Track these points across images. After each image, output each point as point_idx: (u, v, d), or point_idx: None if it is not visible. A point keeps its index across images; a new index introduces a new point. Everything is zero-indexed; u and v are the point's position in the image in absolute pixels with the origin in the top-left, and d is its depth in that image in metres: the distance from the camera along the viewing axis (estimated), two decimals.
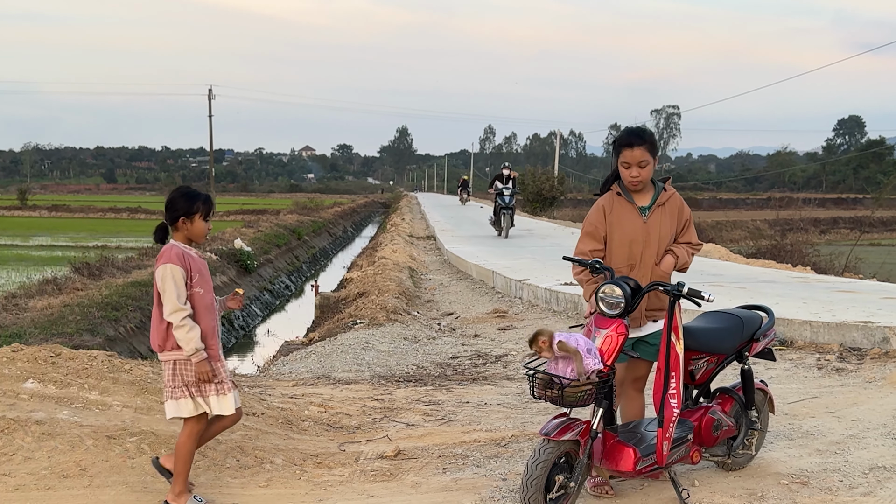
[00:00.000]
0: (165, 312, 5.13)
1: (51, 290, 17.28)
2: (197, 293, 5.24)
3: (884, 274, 20.01)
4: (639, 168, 5.59)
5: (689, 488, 5.63)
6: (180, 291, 5.14)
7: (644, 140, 5.58)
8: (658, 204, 5.74)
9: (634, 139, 5.57)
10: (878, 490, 5.62)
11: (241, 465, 6.36)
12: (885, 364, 9.13)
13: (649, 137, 5.63)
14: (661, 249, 5.72)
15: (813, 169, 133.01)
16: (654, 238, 5.69)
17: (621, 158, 5.64)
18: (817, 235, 44.11)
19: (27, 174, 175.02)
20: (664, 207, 5.76)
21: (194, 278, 5.23)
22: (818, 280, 16.07)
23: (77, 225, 52.51)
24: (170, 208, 5.30)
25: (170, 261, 5.17)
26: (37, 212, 66.55)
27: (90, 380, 7.50)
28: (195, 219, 5.30)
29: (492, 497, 5.70)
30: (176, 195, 5.34)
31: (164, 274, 5.16)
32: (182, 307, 5.13)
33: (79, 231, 46.04)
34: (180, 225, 5.30)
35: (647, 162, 5.59)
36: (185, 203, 5.28)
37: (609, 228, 5.74)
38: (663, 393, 5.24)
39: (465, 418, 7.81)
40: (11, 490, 5.80)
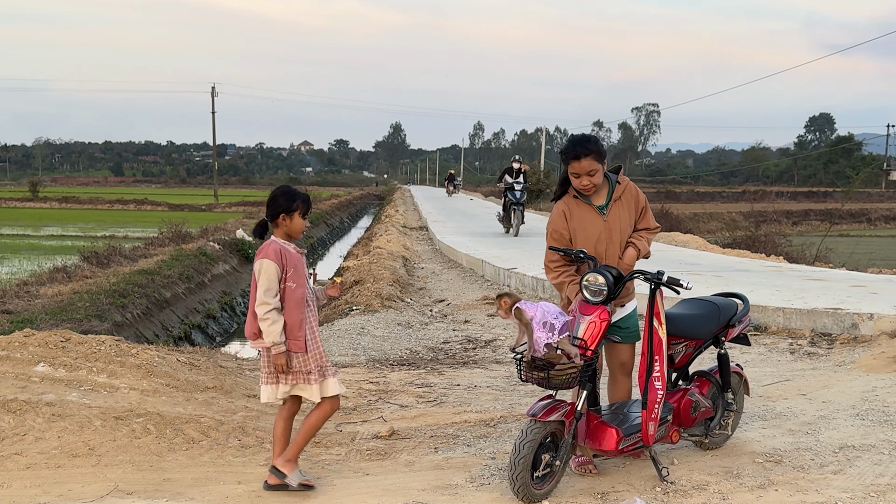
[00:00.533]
0: (254, 303, 5.20)
1: (61, 277, 17.21)
2: (289, 287, 5.22)
3: (852, 263, 20.02)
4: (588, 177, 5.50)
5: (669, 466, 5.64)
6: (270, 286, 5.16)
7: (590, 150, 5.45)
8: (614, 199, 5.66)
9: (581, 150, 5.46)
10: (847, 468, 5.63)
11: (243, 445, 6.34)
12: (854, 349, 9.14)
13: (594, 146, 5.49)
14: (623, 242, 5.66)
15: (785, 164, 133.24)
16: (616, 234, 5.62)
17: (570, 169, 5.54)
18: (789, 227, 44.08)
19: (38, 167, 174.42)
20: (620, 201, 5.68)
21: (288, 273, 5.22)
22: (790, 269, 16.09)
23: (86, 216, 52.30)
24: (271, 205, 5.31)
25: (266, 256, 5.20)
26: (48, 203, 66.25)
27: (98, 363, 7.48)
28: (294, 216, 5.30)
29: (481, 475, 5.69)
30: (277, 193, 5.35)
31: (260, 268, 5.21)
32: (268, 301, 5.15)
33: (87, 221, 45.85)
34: (280, 221, 5.30)
35: (596, 170, 5.49)
36: (285, 201, 5.28)
37: (572, 232, 5.67)
38: (647, 376, 5.25)
39: (456, 400, 7.81)
40: (23, 468, 5.78)
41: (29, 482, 5.58)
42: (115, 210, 61.35)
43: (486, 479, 5.60)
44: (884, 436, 6.25)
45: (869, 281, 13.55)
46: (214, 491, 5.50)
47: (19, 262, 24.66)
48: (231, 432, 6.51)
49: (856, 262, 20.67)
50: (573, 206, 5.69)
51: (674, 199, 69.31)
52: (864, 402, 7.16)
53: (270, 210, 5.32)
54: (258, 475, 5.82)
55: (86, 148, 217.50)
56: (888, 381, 7.83)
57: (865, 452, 5.91)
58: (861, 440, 6.17)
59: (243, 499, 5.34)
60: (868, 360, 8.60)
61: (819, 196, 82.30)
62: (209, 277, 21.22)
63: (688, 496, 5.21)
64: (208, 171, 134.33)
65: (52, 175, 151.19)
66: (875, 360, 8.55)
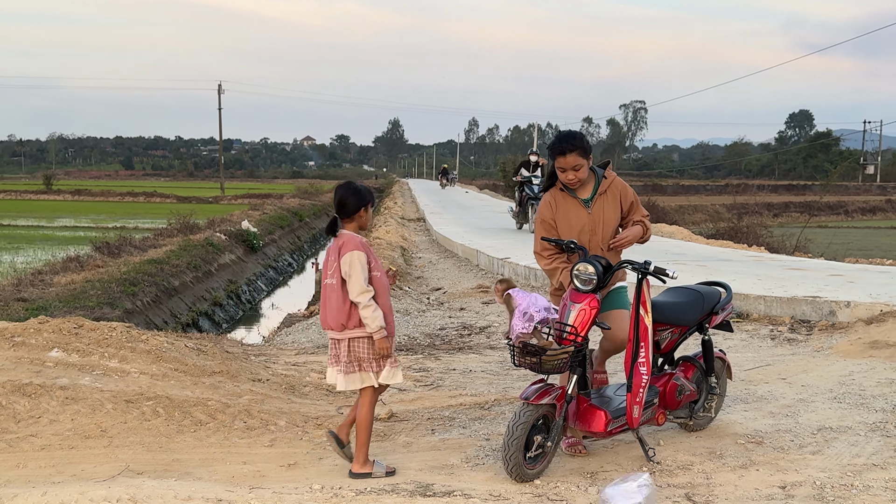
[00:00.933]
0: (353, 294, 5.15)
1: (74, 267, 17.17)
2: (375, 276, 5.27)
3: (830, 253, 20.05)
4: (573, 171, 5.53)
5: (655, 447, 5.64)
6: (365, 275, 5.18)
7: (575, 146, 5.48)
8: (599, 193, 5.66)
9: (566, 146, 5.49)
10: (825, 449, 5.64)
11: (248, 427, 6.34)
12: (832, 335, 9.15)
13: (579, 143, 5.51)
14: (606, 235, 5.64)
15: (767, 158, 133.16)
16: (599, 226, 5.63)
17: (556, 164, 5.57)
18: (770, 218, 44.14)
19: (52, 161, 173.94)
20: (606, 195, 5.67)
21: (372, 263, 5.27)
22: (771, 259, 16.10)
23: (98, 208, 52.19)
24: (343, 204, 5.32)
25: (356, 248, 5.20)
26: (61, 196, 66.05)
27: (110, 349, 7.47)
28: (370, 209, 5.41)
29: (476, 455, 5.70)
30: (347, 193, 5.36)
31: (352, 260, 5.17)
32: (367, 289, 5.16)
33: (99, 213, 45.75)
34: (357, 216, 5.35)
35: (581, 165, 5.50)
36: (356, 199, 5.33)
37: (557, 222, 5.70)
38: (633, 361, 5.26)
39: (452, 384, 7.81)
40: (38, 449, 5.78)
41: (43, 462, 5.58)
42: (126, 202, 61.21)
43: (480, 460, 5.61)
44: (860, 418, 6.26)
45: (846, 270, 13.56)
46: (221, 471, 5.50)
47: (34, 252, 24.61)
48: (237, 415, 6.50)
49: (834, 252, 20.71)
50: (559, 199, 5.71)
51: (660, 192, 69.36)
52: (841, 386, 7.17)
53: (342, 208, 5.33)
54: (262, 456, 5.83)
55: (97, 143, 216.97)
56: (864, 365, 7.84)
57: (842, 434, 5.92)
58: (838, 422, 6.18)
59: (248, 478, 5.35)
60: (845, 345, 8.61)
61: (799, 189, 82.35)
62: (216, 267, 21.20)
63: (673, 475, 5.22)
64: (215, 164, 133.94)
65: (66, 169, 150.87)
66: (852, 345, 8.56)
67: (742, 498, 4.82)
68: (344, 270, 5.19)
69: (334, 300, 5.25)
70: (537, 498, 4.84)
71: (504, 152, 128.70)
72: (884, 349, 8.27)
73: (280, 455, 5.86)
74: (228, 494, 4.75)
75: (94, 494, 4.66)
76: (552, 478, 5.20)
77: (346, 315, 5.21)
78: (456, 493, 4.93)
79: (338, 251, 5.25)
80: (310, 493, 4.86)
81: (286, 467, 5.61)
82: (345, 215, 5.35)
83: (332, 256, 5.30)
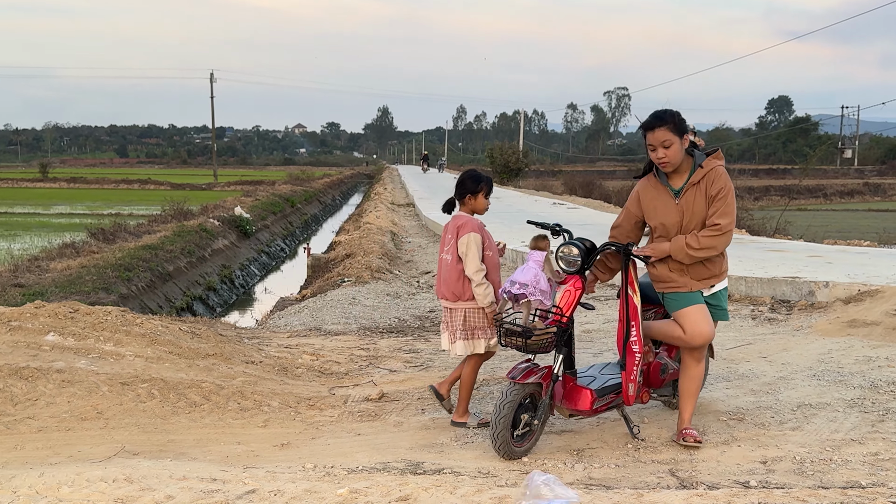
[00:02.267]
0: (469, 271, 5.60)
1: (69, 253, 17.11)
2: (488, 255, 5.70)
3: (810, 235, 20.13)
4: (664, 149, 5.01)
5: (640, 425, 5.66)
6: (480, 255, 5.62)
7: (664, 121, 4.95)
8: (692, 183, 5.13)
9: (655, 121, 5.02)
10: (804, 425, 5.66)
11: (242, 408, 6.33)
12: (811, 314, 9.18)
13: (670, 118, 4.96)
14: (699, 227, 5.16)
15: (747, 143, 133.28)
16: (688, 218, 5.16)
17: (647, 142, 5.08)
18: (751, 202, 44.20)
19: (48, 150, 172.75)
20: (698, 186, 5.12)
21: (486, 242, 5.72)
22: (752, 241, 16.13)
23: (93, 195, 51.93)
24: (460, 187, 5.81)
25: (472, 230, 5.66)
26: (57, 183, 65.69)
27: (105, 332, 7.44)
28: (479, 196, 5.79)
29: (465, 434, 5.70)
30: (465, 177, 5.85)
31: (469, 241, 5.62)
32: (481, 267, 5.60)
33: (94, 200, 45.53)
34: (467, 200, 5.81)
35: (671, 142, 4.95)
36: (472, 183, 5.77)
37: (645, 213, 5.34)
38: (625, 340, 5.24)
39: (442, 365, 7.81)
40: (35, 431, 5.76)
41: (41, 444, 5.56)
42: (121, 189, 60.92)
43: (469, 438, 5.61)
44: (838, 394, 6.28)
45: (825, 251, 13.60)
46: (215, 451, 5.49)
47: (30, 238, 24.49)
48: (231, 396, 6.49)
49: (813, 234, 20.79)
50: (649, 187, 5.34)
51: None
52: (820, 364, 7.20)
53: (459, 191, 5.81)
54: (256, 436, 5.82)
55: (92, 131, 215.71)
56: (842, 344, 7.87)
57: (821, 410, 5.94)
58: (817, 399, 6.20)
59: (242, 458, 5.34)
60: (824, 324, 8.64)
61: (778, 173, 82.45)
62: (209, 252, 21.13)
63: (658, 452, 5.23)
64: (208, 152, 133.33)
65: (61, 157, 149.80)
66: (830, 324, 8.59)
67: (724, 473, 4.83)
68: (461, 251, 5.65)
69: (450, 273, 5.73)
70: (525, 475, 4.83)
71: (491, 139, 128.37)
72: (861, 328, 8.30)
73: (273, 435, 5.85)
74: (223, 474, 4.74)
75: (91, 475, 4.65)
76: (539, 455, 5.20)
77: (460, 288, 5.67)
78: (446, 470, 4.93)
79: (456, 231, 5.73)
80: (303, 472, 4.85)
81: (279, 447, 5.60)
82: (457, 198, 5.85)
83: (450, 234, 5.77)
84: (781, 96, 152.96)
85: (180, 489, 4.47)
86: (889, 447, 5.15)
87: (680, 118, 5.06)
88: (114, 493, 4.42)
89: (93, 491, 4.44)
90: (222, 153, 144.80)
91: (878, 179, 75.48)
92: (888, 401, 6.08)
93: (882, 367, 7.01)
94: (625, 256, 5.29)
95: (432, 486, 4.51)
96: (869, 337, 8.03)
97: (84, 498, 4.37)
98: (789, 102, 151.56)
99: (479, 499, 4.35)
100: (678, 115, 5.08)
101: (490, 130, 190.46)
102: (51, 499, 4.36)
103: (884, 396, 6.19)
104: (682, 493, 4.38)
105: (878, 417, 5.73)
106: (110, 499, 4.35)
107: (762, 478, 4.73)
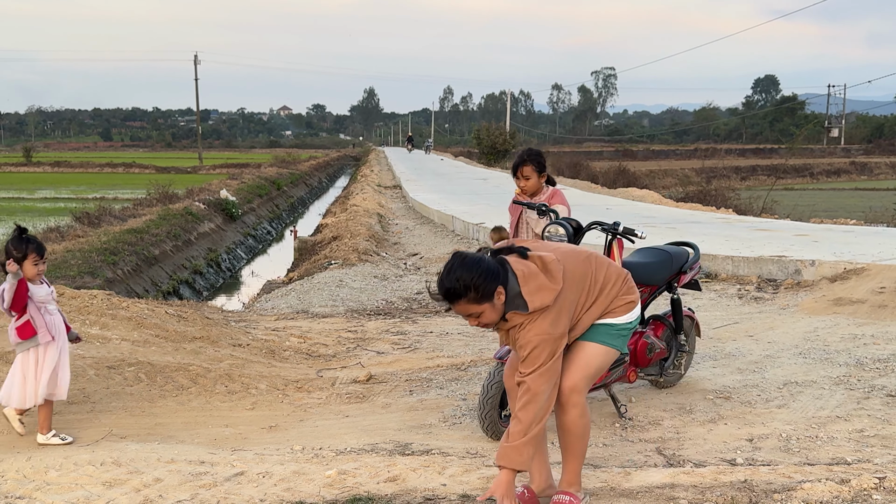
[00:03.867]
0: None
1: (54, 237, 17.02)
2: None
3: (796, 214, 20.21)
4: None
5: (627, 404, 5.69)
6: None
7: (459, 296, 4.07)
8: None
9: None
10: (790, 402, 5.70)
11: (230, 391, 6.33)
12: (797, 293, 9.24)
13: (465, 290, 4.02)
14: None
15: (734, 122, 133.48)
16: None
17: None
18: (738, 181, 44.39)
19: (31, 134, 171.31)
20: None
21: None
22: (739, 220, 16.19)
23: (77, 179, 51.63)
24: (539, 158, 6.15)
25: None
26: (41, 168, 65.20)
27: (91, 316, 7.42)
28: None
29: (453, 415, 5.72)
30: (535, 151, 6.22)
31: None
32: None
33: (79, 184, 45.27)
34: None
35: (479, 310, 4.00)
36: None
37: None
38: None
39: (429, 346, 7.82)
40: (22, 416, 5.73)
41: (28, 429, 5.54)
42: (105, 173, 60.57)
43: (457, 419, 5.63)
44: (824, 372, 6.33)
45: (811, 230, 13.67)
46: (203, 434, 5.50)
47: (15, 223, 24.36)
48: (218, 379, 6.49)
49: (799, 213, 20.87)
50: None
51: (631, 157, 69.55)
52: (806, 342, 7.25)
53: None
54: (244, 418, 5.82)
55: (76, 115, 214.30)
56: (828, 322, 7.93)
57: (807, 388, 5.99)
58: (803, 377, 6.25)
59: (230, 440, 5.34)
60: (810, 303, 8.70)
61: (765, 153, 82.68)
62: (195, 235, 21.05)
63: (645, 431, 5.26)
64: (193, 135, 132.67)
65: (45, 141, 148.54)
66: (816, 303, 8.65)
67: (711, 451, 4.87)
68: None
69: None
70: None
71: (478, 120, 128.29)
72: (847, 306, 8.36)
73: (261, 417, 5.86)
74: (211, 457, 4.75)
75: (79, 458, 4.65)
76: None
77: None
78: (434, 451, 4.95)
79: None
80: (291, 454, 4.87)
81: (267, 429, 5.61)
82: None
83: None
84: (768, 75, 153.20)
85: (168, 472, 4.48)
86: (874, 424, 5.20)
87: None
88: (102, 476, 4.42)
89: (80, 475, 4.45)
90: (207, 136, 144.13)
91: (865, 158, 75.82)
92: (873, 378, 6.13)
93: (867, 344, 7.06)
94: (612, 236, 5.31)
95: (421, 467, 4.54)
96: (855, 315, 8.09)
97: (72, 482, 4.37)
98: (776, 81, 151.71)
99: (468, 479, 4.37)
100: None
101: (477, 111, 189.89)
102: (38, 483, 4.36)
103: (869, 374, 6.24)
104: (669, 471, 4.42)
105: (863, 395, 5.78)
106: (98, 482, 4.35)
107: (749, 455, 4.76)
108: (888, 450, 4.77)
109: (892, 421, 5.24)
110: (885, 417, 5.31)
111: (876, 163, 71.19)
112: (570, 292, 3.89)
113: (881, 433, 5.04)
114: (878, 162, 71.86)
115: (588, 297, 4.00)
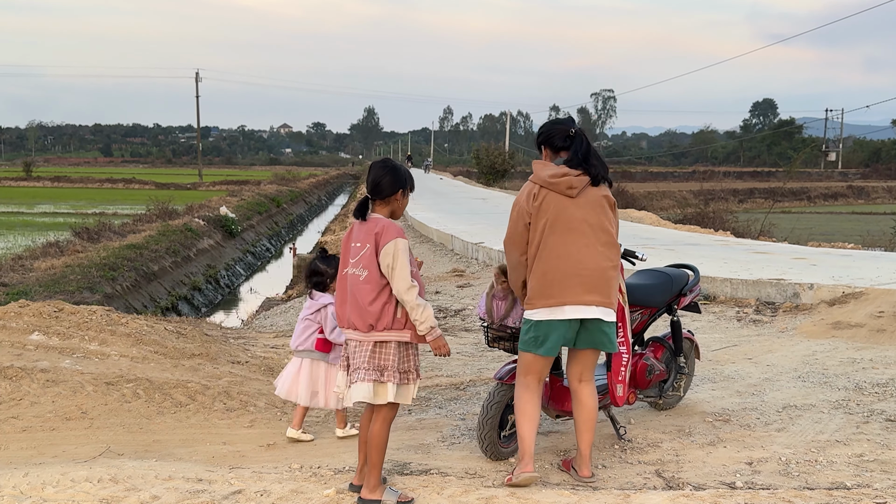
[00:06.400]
0: (400, 289, 4.23)
1: (54, 252, 17.02)
2: (414, 271, 4.37)
3: (794, 237, 20.23)
4: None
5: (626, 425, 5.66)
6: (410, 267, 4.30)
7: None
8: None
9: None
10: (790, 426, 5.68)
11: (228, 409, 6.31)
12: (796, 316, 9.22)
13: None
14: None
15: (732, 145, 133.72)
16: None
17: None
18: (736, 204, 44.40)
19: (32, 149, 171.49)
20: None
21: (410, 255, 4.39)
22: (737, 243, 16.20)
23: (77, 194, 51.67)
24: (378, 184, 4.38)
25: (399, 236, 4.28)
26: (41, 182, 65.32)
27: (90, 332, 7.41)
28: (407, 193, 4.50)
29: (452, 434, 5.69)
30: (385, 172, 4.42)
31: (397, 249, 4.24)
32: (415, 284, 4.28)
33: (79, 199, 45.31)
34: (391, 200, 4.42)
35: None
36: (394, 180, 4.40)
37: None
38: None
39: (428, 365, 7.79)
40: (19, 431, 5.72)
41: (25, 444, 5.52)
42: (105, 188, 60.66)
43: (456, 439, 5.60)
44: (823, 396, 6.31)
45: (809, 254, 13.67)
46: (201, 451, 5.47)
47: (14, 237, 24.35)
48: (216, 396, 6.46)
49: (797, 236, 20.89)
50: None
51: (629, 179, 69.63)
52: (805, 365, 7.23)
53: (377, 189, 4.39)
54: (242, 436, 5.80)
55: (77, 130, 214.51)
56: (827, 345, 7.92)
57: (806, 411, 5.97)
58: (802, 400, 6.23)
59: (228, 458, 5.31)
60: (808, 326, 8.69)
61: (763, 175, 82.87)
62: (194, 252, 21.06)
63: (644, 453, 5.24)
64: (193, 152, 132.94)
65: (45, 156, 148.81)
66: (815, 326, 8.64)
67: (710, 474, 4.85)
68: (385, 263, 4.25)
69: (363, 296, 4.30)
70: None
71: (477, 140, 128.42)
72: (846, 329, 8.35)
73: (259, 435, 5.83)
74: (209, 474, 4.72)
75: (76, 475, 4.62)
76: None
77: (376, 315, 4.28)
78: (433, 471, 4.92)
79: (373, 238, 4.30)
80: (289, 473, 4.84)
81: (265, 447, 5.58)
82: (379, 197, 4.41)
83: (361, 243, 4.35)
84: (766, 99, 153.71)
85: (166, 489, 4.45)
86: (874, 448, 5.18)
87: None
88: (99, 493, 4.39)
89: (77, 491, 4.42)
90: (207, 153, 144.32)
91: (862, 182, 76.05)
92: (872, 402, 6.12)
93: (866, 368, 7.05)
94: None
95: (419, 487, 4.51)
96: (853, 339, 8.08)
97: (69, 498, 4.34)
98: (773, 105, 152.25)
99: (467, 499, 4.35)
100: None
101: (476, 131, 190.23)
102: (35, 499, 4.34)
103: (868, 398, 6.23)
104: (668, 494, 4.40)
105: (862, 419, 5.76)
106: (95, 499, 4.32)
107: (748, 479, 4.74)
108: (888, 475, 4.75)
109: (892, 446, 5.22)
110: (884, 442, 5.29)
111: (873, 187, 71.42)
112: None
113: (881, 458, 5.02)
114: (874, 186, 72.08)
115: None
